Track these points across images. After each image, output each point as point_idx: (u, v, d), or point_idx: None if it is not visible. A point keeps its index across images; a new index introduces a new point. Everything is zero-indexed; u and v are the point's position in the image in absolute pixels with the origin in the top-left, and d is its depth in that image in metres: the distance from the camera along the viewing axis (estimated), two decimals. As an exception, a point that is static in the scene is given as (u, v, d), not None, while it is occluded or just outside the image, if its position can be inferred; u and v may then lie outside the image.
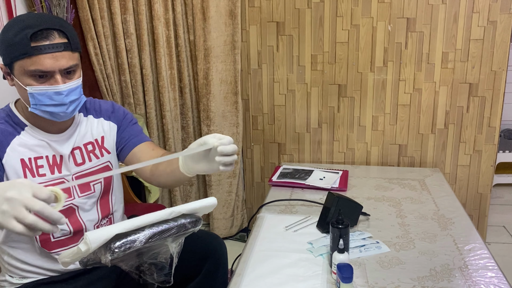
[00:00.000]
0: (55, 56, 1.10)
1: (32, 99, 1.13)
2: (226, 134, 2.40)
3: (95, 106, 1.36)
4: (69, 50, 1.13)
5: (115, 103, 1.42)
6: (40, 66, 1.10)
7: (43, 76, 1.11)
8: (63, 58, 1.12)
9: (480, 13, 2.14)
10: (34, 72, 1.10)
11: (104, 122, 1.35)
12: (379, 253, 1.45)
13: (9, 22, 1.14)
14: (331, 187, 1.97)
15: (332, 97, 2.36)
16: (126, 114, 1.40)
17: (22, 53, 1.09)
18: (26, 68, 1.10)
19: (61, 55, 1.11)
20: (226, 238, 2.58)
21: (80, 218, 1.28)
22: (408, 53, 2.24)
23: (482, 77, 2.22)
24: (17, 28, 1.10)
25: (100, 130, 1.34)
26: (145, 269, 1.01)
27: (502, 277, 1.31)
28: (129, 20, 2.25)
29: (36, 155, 1.21)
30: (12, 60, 1.11)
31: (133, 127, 1.40)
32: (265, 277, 1.33)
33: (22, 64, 1.10)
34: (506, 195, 3.09)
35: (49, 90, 1.12)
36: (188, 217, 1.02)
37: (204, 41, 2.27)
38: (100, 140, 1.33)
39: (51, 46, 1.10)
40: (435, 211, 1.75)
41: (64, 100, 1.14)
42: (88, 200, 1.29)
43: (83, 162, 1.29)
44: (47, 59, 1.10)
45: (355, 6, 2.21)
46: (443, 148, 2.35)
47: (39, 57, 1.09)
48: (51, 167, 1.23)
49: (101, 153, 1.33)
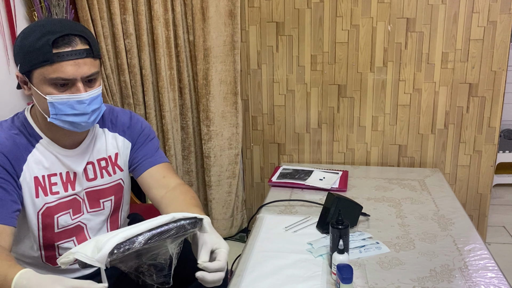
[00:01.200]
0: (78, 63, 1.06)
1: (52, 108, 1.08)
2: (225, 134, 2.41)
3: (111, 117, 1.30)
4: (91, 57, 1.09)
5: (133, 114, 1.36)
6: (62, 74, 1.05)
7: (64, 84, 1.07)
8: (85, 65, 1.07)
9: (480, 13, 2.14)
10: (56, 80, 1.05)
11: (119, 138, 1.30)
12: (379, 254, 1.45)
13: (28, 28, 1.09)
14: (331, 188, 1.97)
15: (332, 97, 2.36)
16: (143, 130, 1.34)
17: (43, 60, 1.04)
18: (47, 76, 1.05)
19: (83, 62, 1.07)
20: (226, 239, 2.58)
21: (88, 236, 1.26)
22: (408, 53, 2.24)
23: (482, 77, 2.22)
24: (38, 34, 1.05)
25: (114, 146, 1.29)
26: (144, 270, 1.01)
27: (502, 277, 1.30)
28: (128, 20, 2.25)
29: (50, 173, 1.18)
30: (31, 68, 1.06)
31: (149, 145, 1.34)
32: (265, 278, 1.33)
33: (43, 71, 1.05)
34: (506, 195, 3.08)
35: (71, 99, 1.08)
36: (187, 219, 1.02)
37: (203, 41, 2.26)
38: (113, 157, 1.29)
39: (74, 52, 1.05)
40: (435, 212, 1.75)
41: (87, 109, 1.10)
42: (96, 218, 1.27)
43: (95, 178, 1.25)
44: (69, 66, 1.05)
45: (355, 6, 2.21)
46: (443, 148, 2.35)
47: (61, 64, 1.04)
48: (65, 184, 1.20)
49: (114, 171, 1.29)
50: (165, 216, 0.98)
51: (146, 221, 0.98)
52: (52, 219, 1.18)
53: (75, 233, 1.23)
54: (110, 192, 1.29)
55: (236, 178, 2.50)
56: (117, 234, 0.92)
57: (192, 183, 2.56)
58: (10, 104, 2.14)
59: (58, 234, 1.21)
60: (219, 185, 2.49)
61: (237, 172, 2.49)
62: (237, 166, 2.48)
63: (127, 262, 0.99)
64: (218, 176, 2.47)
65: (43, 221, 1.17)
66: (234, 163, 2.47)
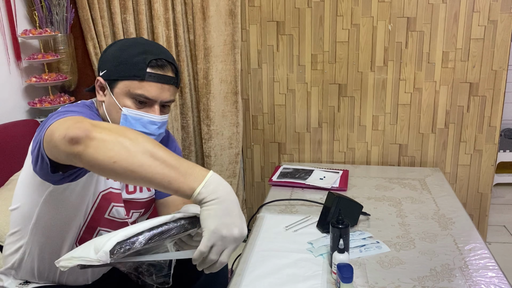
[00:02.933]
0: (163, 88, 1.12)
1: (124, 121, 1.12)
2: (226, 133, 2.41)
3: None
4: (175, 86, 1.16)
5: (171, 134, 1.39)
6: (147, 93, 1.10)
7: (143, 102, 1.12)
8: (168, 92, 1.13)
9: (481, 13, 2.13)
10: (139, 96, 1.10)
11: None
12: (379, 253, 1.45)
13: (127, 42, 1.15)
14: (331, 187, 1.97)
15: (332, 96, 2.36)
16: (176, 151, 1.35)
17: (135, 75, 1.09)
18: (132, 90, 1.10)
19: (167, 88, 1.13)
20: (226, 238, 2.58)
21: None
22: (408, 53, 2.24)
23: (482, 77, 2.22)
24: (137, 50, 1.11)
25: None
26: (144, 270, 1.01)
27: (502, 277, 1.30)
28: (129, 19, 2.25)
29: None
30: (119, 78, 1.11)
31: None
32: (265, 277, 1.33)
33: (129, 85, 1.10)
34: (507, 195, 3.08)
35: (145, 117, 1.12)
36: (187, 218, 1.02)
37: (204, 40, 2.26)
38: None
39: (164, 77, 1.11)
40: (436, 211, 1.75)
41: (156, 131, 1.15)
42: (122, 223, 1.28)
43: (134, 191, 1.27)
44: (155, 88, 1.10)
45: (355, 6, 2.21)
46: (444, 147, 2.35)
47: (149, 84, 1.10)
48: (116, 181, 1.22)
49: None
50: (165, 216, 0.98)
51: (145, 221, 0.98)
52: (108, 204, 1.19)
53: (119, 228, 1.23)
54: (142, 206, 1.31)
55: (237, 177, 2.50)
56: (117, 234, 0.92)
57: (193, 183, 2.56)
58: (10, 103, 2.14)
59: (106, 220, 1.21)
60: (220, 184, 2.48)
61: (237, 172, 2.49)
62: (237, 165, 2.49)
63: (126, 263, 0.98)
64: (219, 175, 2.47)
65: (100, 202, 1.17)
66: (235, 162, 2.48)
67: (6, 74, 2.08)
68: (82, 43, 2.31)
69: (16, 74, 2.14)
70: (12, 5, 2.06)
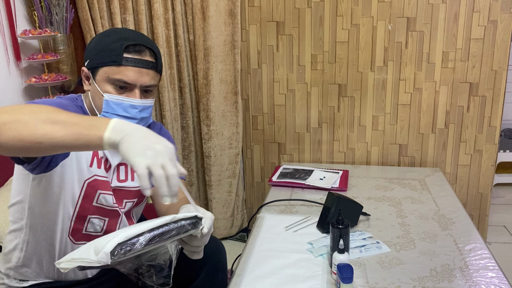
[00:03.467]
0: (141, 72, 1.15)
1: (106, 106, 1.15)
2: (226, 134, 2.41)
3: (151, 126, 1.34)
4: (155, 70, 1.18)
5: (163, 127, 1.42)
6: (125, 77, 1.13)
7: (123, 87, 1.15)
8: (147, 76, 1.16)
9: (481, 13, 2.13)
10: (117, 81, 1.14)
11: None
12: (379, 253, 1.45)
13: (106, 31, 1.19)
14: (331, 187, 1.97)
15: (332, 96, 2.36)
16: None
17: (112, 60, 1.13)
18: (110, 76, 1.14)
19: (146, 72, 1.15)
20: (226, 238, 2.58)
21: (119, 224, 1.27)
22: (408, 53, 2.23)
23: (482, 77, 2.22)
24: (115, 37, 1.15)
25: None
26: (144, 271, 1.01)
27: (502, 277, 1.30)
28: (128, 19, 2.25)
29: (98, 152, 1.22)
30: (99, 65, 1.15)
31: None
32: (265, 278, 1.33)
33: (108, 71, 1.13)
34: (507, 195, 3.08)
35: (125, 102, 1.15)
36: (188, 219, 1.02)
37: (203, 40, 2.26)
38: None
39: (141, 61, 1.14)
40: (436, 211, 1.75)
41: (137, 115, 1.17)
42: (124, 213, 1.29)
43: (125, 180, 1.28)
44: (133, 72, 1.14)
45: (355, 6, 2.21)
46: (444, 147, 2.35)
47: (126, 68, 1.13)
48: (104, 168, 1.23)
49: None
50: (165, 216, 0.98)
51: (145, 222, 0.98)
52: (95, 192, 1.20)
53: (110, 215, 1.24)
54: (135, 195, 1.31)
55: (237, 177, 2.50)
56: (118, 235, 0.92)
57: (193, 183, 2.56)
58: (10, 103, 2.14)
59: (95, 208, 1.21)
60: (220, 184, 2.49)
61: (237, 172, 2.49)
62: (237, 165, 2.48)
63: (127, 264, 0.98)
64: (219, 175, 2.47)
65: (86, 190, 1.19)
66: (235, 162, 2.47)
67: (6, 75, 2.08)
68: (82, 43, 2.31)
69: (15, 74, 2.14)
70: (12, 5, 2.06)
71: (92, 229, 1.23)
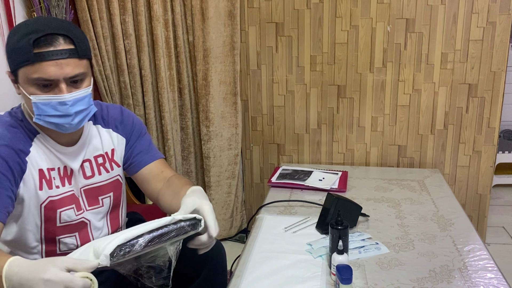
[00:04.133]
0: (59, 64, 1.03)
1: (36, 109, 1.06)
2: (225, 135, 2.41)
3: (102, 113, 1.29)
4: (76, 57, 1.06)
5: (124, 108, 1.35)
6: (43, 74, 1.03)
7: (47, 85, 1.05)
8: (68, 66, 1.05)
9: (479, 14, 2.14)
10: (37, 80, 1.04)
11: (113, 134, 1.29)
12: (378, 254, 1.45)
13: (15, 27, 1.07)
14: (331, 188, 1.97)
15: (332, 98, 2.36)
16: (134, 126, 1.33)
17: (24, 60, 1.02)
18: (29, 76, 1.04)
19: (66, 63, 1.04)
20: (225, 239, 2.58)
21: (90, 233, 1.25)
22: (407, 54, 2.24)
23: (481, 78, 2.22)
24: (21, 33, 1.03)
25: (109, 142, 1.28)
26: (143, 273, 1.01)
27: (501, 278, 1.30)
28: (128, 21, 2.25)
29: (50, 166, 1.17)
30: (16, 67, 1.06)
31: (142, 140, 1.33)
32: (264, 278, 1.33)
33: (25, 71, 1.04)
34: (506, 196, 3.08)
35: (53, 100, 1.05)
36: (187, 220, 1.02)
37: (203, 42, 2.26)
38: (110, 153, 1.28)
39: (55, 52, 1.03)
40: (435, 212, 1.75)
41: (69, 110, 1.07)
42: (96, 216, 1.26)
43: (93, 175, 1.24)
44: (51, 67, 1.03)
45: (354, 7, 2.21)
46: (443, 148, 2.35)
47: (41, 65, 1.02)
48: (62, 179, 1.19)
49: (111, 167, 1.28)
50: (165, 218, 0.98)
51: (145, 223, 0.98)
52: (54, 212, 1.17)
53: (78, 229, 1.22)
54: (108, 189, 1.28)
55: (236, 178, 2.50)
56: (117, 237, 0.92)
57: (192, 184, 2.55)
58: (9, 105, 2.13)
59: (60, 228, 1.20)
60: (219, 185, 2.49)
61: (236, 173, 2.49)
62: (236, 166, 2.48)
63: (126, 265, 0.98)
64: (218, 176, 2.47)
65: (45, 213, 1.16)
66: (234, 163, 2.47)
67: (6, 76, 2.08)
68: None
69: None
70: (11, 6, 2.06)
71: (66, 248, 1.22)
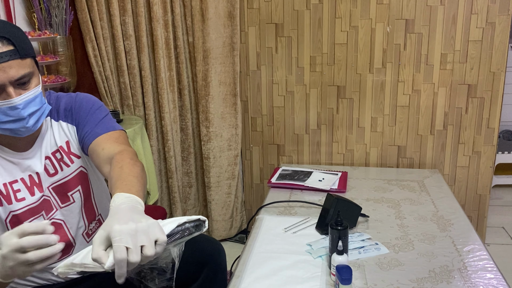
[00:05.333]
0: (2, 68, 0.98)
1: None
2: (225, 135, 2.41)
3: (56, 107, 1.22)
4: (18, 58, 1.00)
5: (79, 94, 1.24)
6: None
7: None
8: (12, 69, 0.99)
9: (479, 15, 2.14)
10: None
11: (63, 124, 1.21)
12: (378, 255, 1.45)
13: None
14: (330, 189, 1.97)
15: (331, 98, 2.36)
16: (81, 106, 1.21)
17: None
18: None
19: (8, 65, 0.98)
20: (225, 240, 2.58)
21: (68, 231, 1.22)
22: (407, 55, 2.24)
23: (481, 78, 2.22)
24: None
25: (62, 134, 1.21)
26: (146, 275, 1.01)
27: (501, 278, 1.31)
28: (128, 22, 2.25)
29: (11, 179, 1.13)
30: None
31: (91, 119, 1.20)
32: (264, 279, 1.33)
33: None
34: (505, 196, 3.09)
35: (2, 106, 1.00)
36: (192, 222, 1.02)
37: (203, 42, 2.27)
38: (65, 146, 1.21)
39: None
40: (434, 212, 1.75)
41: (22, 114, 1.02)
42: (70, 212, 1.22)
43: (56, 173, 1.19)
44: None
45: (354, 8, 2.22)
46: (442, 149, 2.35)
47: None
48: (30, 189, 1.15)
49: (71, 160, 1.21)
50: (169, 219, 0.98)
51: None
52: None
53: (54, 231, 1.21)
54: (75, 183, 1.22)
55: (236, 179, 2.50)
56: None
57: (192, 184, 2.56)
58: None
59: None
60: (219, 186, 2.49)
61: (236, 173, 2.49)
62: (236, 167, 2.49)
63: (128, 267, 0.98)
64: (218, 177, 2.47)
65: (12, 228, 1.10)
66: (234, 164, 2.48)
67: None
68: (81, 45, 2.32)
69: None
70: (11, 7, 2.06)
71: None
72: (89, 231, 1.27)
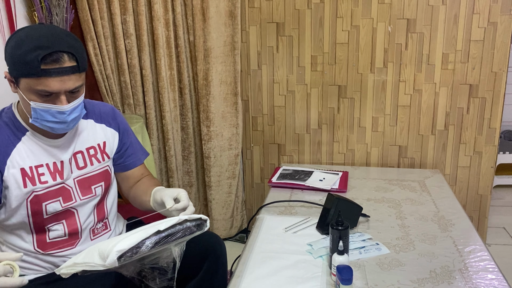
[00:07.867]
0: (63, 80, 1.11)
1: (34, 113, 1.14)
2: (225, 135, 2.41)
3: (94, 110, 1.38)
4: (77, 72, 1.15)
5: (114, 107, 1.46)
6: (47, 88, 1.10)
7: (48, 95, 1.13)
8: (70, 81, 1.13)
9: (481, 14, 2.13)
10: (40, 91, 1.11)
11: (107, 129, 1.39)
12: (378, 255, 1.45)
13: (20, 36, 1.11)
14: (331, 188, 1.97)
15: (332, 98, 2.36)
16: (124, 123, 1.44)
17: (30, 73, 1.09)
18: (32, 87, 1.11)
19: (68, 78, 1.12)
20: (226, 239, 2.58)
21: (78, 220, 1.30)
22: (408, 54, 2.24)
23: (482, 78, 2.22)
24: (28, 46, 1.08)
25: (102, 135, 1.37)
26: (147, 274, 1.01)
27: (502, 279, 1.30)
28: (128, 20, 2.25)
29: (37, 163, 1.23)
30: (19, 76, 1.12)
31: (131, 138, 1.46)
32: (264, 279, 1.33)
33: (29, 82, 1.10)
34: (507, 197, 3.08)
35: (52, 109, 1.14)
36: (193, 220, 1.01)
37: (204, 41, 2.26)
38: (102, 145, 1.37)
39: (60, 70, 1.10)
40: (435, 213, 1.75)
41: (67, 119, 1.16)
42: (88, 204, 1.32)
43: (85, 166, 1.32)
44: (55, 82, 1.10)
45: (355, 7, 2.21)
46: (443, 149, 2.35)
47: (47, 79, 1.09)
48: (53, 174, 1.25)
49: (103, 158, 1.37)
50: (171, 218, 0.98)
51: (150, 225, 0.98)
52: (40, 206, 1.23)
53: (65, 216, 1.28)
54: (100, 178, 1.35)
55: (236, 178, 2.50)
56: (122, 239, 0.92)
57: (192, 184, 2.56)
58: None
59: (47, 218, 1.26)
60: (219, 185, 2.48)
61: (237, 173, 2.49)
62: (237, 166, 2.48)
63: (129, 267, 0.98)
64: (218, 176, 2.47)
65: (31, 207, 1.22)
66: (234, 163, 2.47)
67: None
68: (82, 44, 2.31)
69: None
70: (12, 6, 2.06)
71: (55, 235, 1.27)
72: (95, 229, 1.35)
